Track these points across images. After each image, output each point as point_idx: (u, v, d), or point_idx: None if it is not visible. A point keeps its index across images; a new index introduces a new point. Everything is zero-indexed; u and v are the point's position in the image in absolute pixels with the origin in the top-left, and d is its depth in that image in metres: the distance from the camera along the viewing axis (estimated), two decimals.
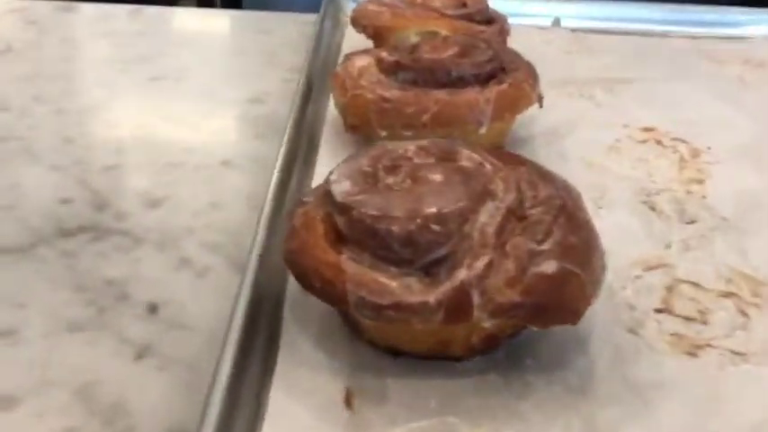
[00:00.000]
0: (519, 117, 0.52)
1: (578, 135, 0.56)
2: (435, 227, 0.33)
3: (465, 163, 0.38)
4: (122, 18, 0.76)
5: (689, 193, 0.50)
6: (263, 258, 0.38)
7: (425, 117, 0.49)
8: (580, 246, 0.34)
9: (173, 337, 0.37)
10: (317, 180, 0.49)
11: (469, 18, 0.63)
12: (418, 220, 0.33)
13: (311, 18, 0.73)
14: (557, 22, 0.79)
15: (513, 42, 0.63)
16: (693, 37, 0.75)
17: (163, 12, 0.79)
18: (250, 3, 1.11)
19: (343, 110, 0.52)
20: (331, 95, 0.54)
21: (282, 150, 0.49)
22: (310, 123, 0.56)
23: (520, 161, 0.39)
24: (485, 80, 0.51)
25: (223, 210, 0.47)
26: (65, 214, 0.46)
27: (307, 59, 0.63)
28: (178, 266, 0.42)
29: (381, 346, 0.36)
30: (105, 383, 0.34)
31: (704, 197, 0.49)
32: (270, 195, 0.43)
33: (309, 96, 0.59)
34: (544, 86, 0.52)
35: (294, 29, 0.75)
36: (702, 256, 0.44)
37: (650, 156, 0.54)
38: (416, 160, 0.38)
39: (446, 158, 0.38)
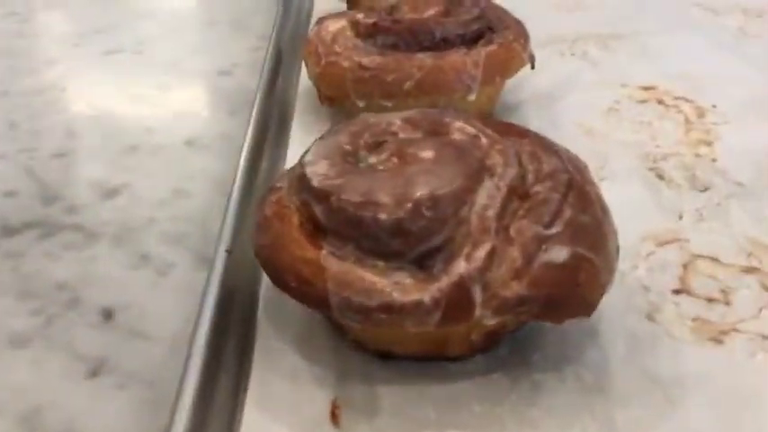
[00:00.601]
0: (508, 81, 0.48)
1: (573, 98, 0.52)
2: (428, 212, 0.28)
3: (457, 136, 0.33)
4: None
5: (698, 156, 0.46)
6: (231, 252, 0.34)
7: (408, 84, 0.44)
8: (592, 226, 0.30)
9: (131, 349, 0.32)
10: (291, 161, 0.44)
11: None
12: (408, 205, 0.28)
13: None
14: None
15: None
16: None
17: None
18: None
19: (317, 80, 0.47)
20: (303, 65, 0.49)
21: (251, 129, 0.45)
22: (281, 96, 0.52)
23: (519, 132, 0.35)
24: (471, 41, 0.46)
25: (187, 197, 0.43)
26: (8, 209, 0.41)
27: (275, 26, 0.58)
28: (137, 264, 0.37)
29: (370, 349, 0.31)
30: (55, 407, 0.30)
31: (714, 160, 0.45)
32: (238, 180, 0.38)
33: (280, 66, 0.54)
34: (533, 46, 0.48)
35: None
36: (718, 227, 0.40)
37: (652, 117, 0.49)
38: (402, 135, 0.34)
39: (436, 132, 0.34)
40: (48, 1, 0.67)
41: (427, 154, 0.31)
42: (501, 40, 0.46)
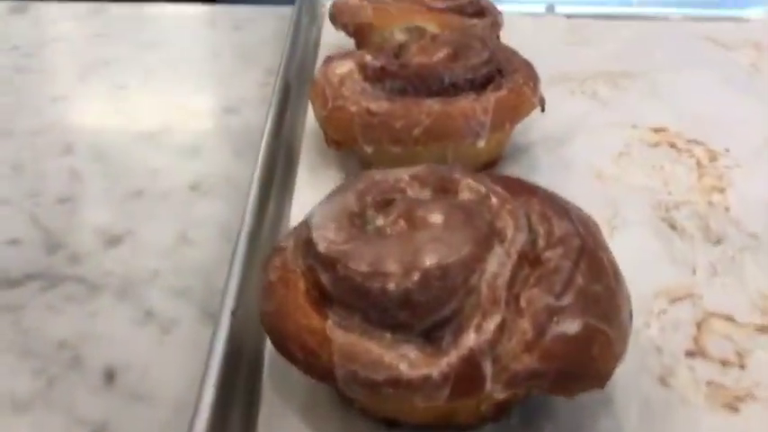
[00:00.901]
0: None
1: (583, 139, 0.51)
2: (437, 282, 0.28)
3: (466, 195, 0.33)
4: (82, 18, 0.70)
5: (711, 204, 0.45)
6: (236, 313, 0.33)
7: (417, 131, 0.43)
8: (605, 296, 0.29)
9: (133, 412, 0.32)
10: (297, 208, 0.44)
11: (459, 11, 0.57)
12: (416, 276, 0.28)
13: (288, 11, 0.67)
14: (551, 9, 0.74)
15: (506, 33, 0.58)
16: (695, 19, 0.70)
17: (127, 8, 0.73)
18: None
19: (324, 124, 0.46)
20: (310, 103, 0.49)
21: (257, 174, 0.44)
22: (288, 135, 0.51)
23: (529, 189, 0.34)
24: (480, 85, 0.45)
25: (193, 245, 0.42)
26: (11, 259, 0.41)
27: (282, 61, 0.58)
28: (141, 321, 0.36)
29: (377, 417, 0.31)
30: None
31: (728, 209, 0.44)
32: (243, 234, 0.38)
33: (287, 103, 0.54)
34: (542, 83, 0.47)
35: (270, 24, 0.69)
36: (733, 283, 0.39)
37: (665, 162, 0.49)
38: (410, 193, 0.33)
39: (444, 189, 0.33)
40: (53, 34, 0.67)
41: (436, 218, 0.30)
42: (511, 85, 0.46)
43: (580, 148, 0.50)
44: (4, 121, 0.53)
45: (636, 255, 0.40)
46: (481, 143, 0.44)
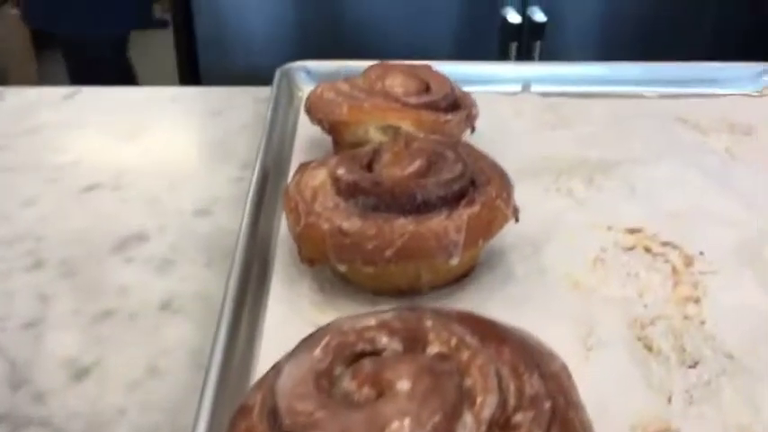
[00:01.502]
0: None
1: (558, 243, 0.51)
2: None
3: (436, 347, 0.32)
4: (52, 106, 0.69)
5: (686, 318, 0.45)
6: None
7: (389, 252, 0.43)
8: None
9: None
10: (269, 336, 0.43)
11: (434, 106, 0.57)
12: None
13: (266, 93, 0.67)
14: (526, 87, 0.74)
15: (481, 113, 0.58)
16: (669, 97, 0.71)
17: (98, 93, 0.72)
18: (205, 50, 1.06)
19: (298, 239, 0.46)
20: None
21: (231, 294, 0.43)
22: (262, 243, 0.51)
23: (499, 337, 0.33)
24: (454, 199, 0.45)
25: (162, 376, 0.41)
26: None
27: (258, 158, 0.57)
28: None
29: None
30: None
31: (703, 322, 0.44)
32: (213, 374, 0.37)
33: (261, 207, 0.53)
34: (516, 175, 0.47)
35: (247, 108, 0.69)
36: (709, 413, 0.39)
37: (640, 269, 0.49)
38: (379, 345, 0.33)
39: (413, 339, 0.33)
40: (25, 125, 0.66)
41: (403, 384, 0.30)
42: (483, 198, 0.45)
43: (556, 254, 0.50)
44: None
45: (611, 382, 0.40)
46: (454, 261, 0.44)
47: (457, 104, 0.59)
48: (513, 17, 1.44)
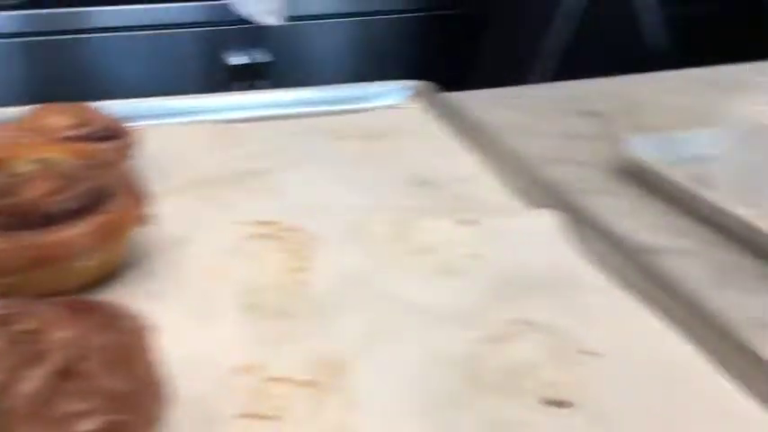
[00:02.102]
0: (138, 233, 0.55)
1: (199, 242, 0.59)
2: None
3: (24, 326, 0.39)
4: None
5: (295, 283, 0.55)
6: None
7: (17, 264, 0.49)
8: (128, 391, 0.37)
9: None
10: None
11: (91, 138, 0.64)
12: None
13: None
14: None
15: (151, 143, 0.67)
16: (318, 115, 0.84)
17: None
18: None
19: None
20: None
21: None
22: None
23: (87, 308, 0.41)
24: (84, 213, 0.52)
25: None
26: None
27: None
28: None
29: None
30: None
31: (306, 284, 0.55)
32: None
33: None
34: (172, 191, 0.55)
35: None
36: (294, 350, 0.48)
37: (266, 253, 0.58)
38: None
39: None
40: None
41: None
42: (114, 208, 0.53)
43: (195, 250, 0.58)
44: None
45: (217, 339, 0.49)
46: (89, 263, 0.51)
47: (115, 136, 0.66)
48: (238, 59, 1.57)
